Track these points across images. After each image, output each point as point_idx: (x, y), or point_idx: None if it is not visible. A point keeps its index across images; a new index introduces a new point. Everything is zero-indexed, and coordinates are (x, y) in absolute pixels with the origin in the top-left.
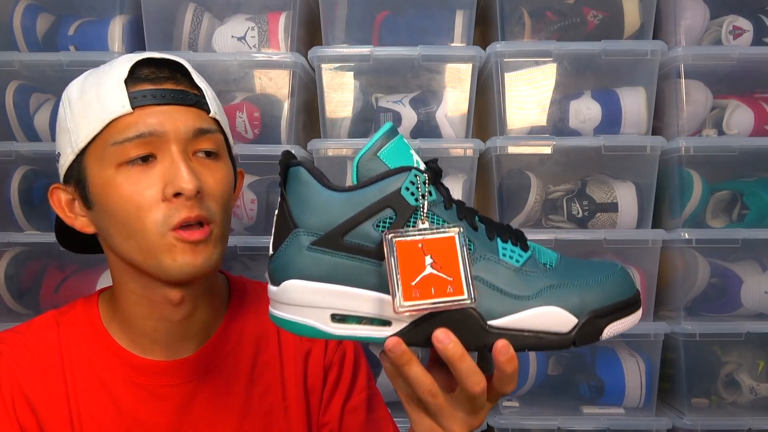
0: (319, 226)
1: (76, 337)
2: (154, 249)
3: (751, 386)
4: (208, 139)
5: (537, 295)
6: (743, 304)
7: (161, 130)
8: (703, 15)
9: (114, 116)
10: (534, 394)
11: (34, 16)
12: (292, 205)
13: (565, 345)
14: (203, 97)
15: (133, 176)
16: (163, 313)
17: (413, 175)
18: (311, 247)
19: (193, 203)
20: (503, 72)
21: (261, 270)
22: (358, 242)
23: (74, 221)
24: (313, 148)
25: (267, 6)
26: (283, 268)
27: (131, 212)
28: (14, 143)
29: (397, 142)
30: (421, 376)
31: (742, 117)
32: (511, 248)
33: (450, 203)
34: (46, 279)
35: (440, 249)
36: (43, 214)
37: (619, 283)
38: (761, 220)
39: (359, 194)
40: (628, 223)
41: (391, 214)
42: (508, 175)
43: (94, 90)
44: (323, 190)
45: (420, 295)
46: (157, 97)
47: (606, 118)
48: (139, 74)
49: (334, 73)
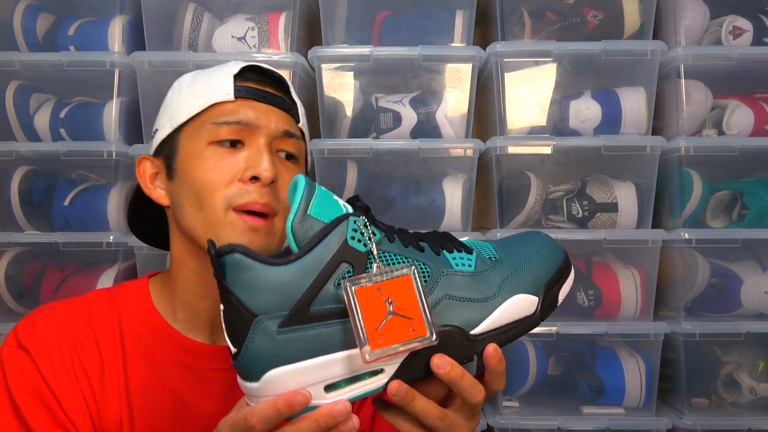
0: (280, 305)
1: (128, 314)
2: (215, 223)
3: (751, 386)
4: (292, 143)
5: (499, 291)
6: (743, 304)
7: (256, 123)
8: (703, 15)
9: (218, 100)
10: (534, 394)
11: (34, 16)
12: (242, 294)
13: (535, 324)
14: (296, 108)
15: (219, 154)
16: (216, 292)
17: (353, 221)
18: (281, 330)
19: (266, 191)
20: (503, 72)
21: None
22: (326, 307)
23: (152, 191)
24: (313, 148)
25: (267, 6)
26: (257, 361)
27: (207, 185)
28: (14, 143)
29: (321, 194)
30: (427, 408)
31: (742, 117)
32: (459, 256)
33: (392, 235)
34: (46, 279)
35: (398, 290)
36: (43, 214)
37: (552, 250)
38: (761, 220)
39: (308, 260)
40: (628, 223)
41: (347, 268)
42: (508, 175)
43: (204, 79)
44: (270, 268)
45: (385, 341)
46: (258, 95)
47: (606, 118)
48: (246, 75)
49: (334, 73)
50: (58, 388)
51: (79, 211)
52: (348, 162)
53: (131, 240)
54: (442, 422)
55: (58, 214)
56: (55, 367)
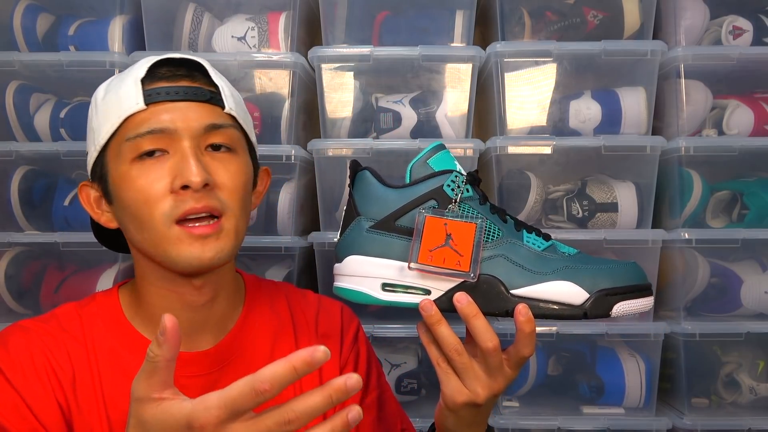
0: (377, 213)
1: (99, 328)
2: (161, 241)
3: (751, 386)
4: (221, 134)
5: (553, 272)
6: (743, 304)
7: (172, 126)
8: (703, 15)
9: (129, 113)
10: (534, 394)
11: (34, 16)
12: (357, 199)
13: (578, 315)
14: (219, 93)
15: (145, 169)
16: (186, 299)
17: (454, 176)
18: (369, 230)
19: (201, 195)
20: (503, 72)
21: (261, 270)
22: (407, 225)
23: (100, 217)
24: (313, 148)
25: (267, 6)
26: (347, 247)
27: (141, 204)
28: (14, 143)
29: (444, 154)
30: (448, 335)
31: (742, 117)
32: (534, 237)
33: (485, 200)
34: (46, 279)
35: (460, 231)
36: (43, 214)
37: (630, 271)
38: (761, 220)
39: (410, 190)
40: (628, 223)
41: (433, 204)
42: (508, 175)
43: (114, 90)
44: (382, 187)
45: (433, 260)
46: (170, 94)
47: (606, 118)
48: (156, 73)
49: (334, 73)
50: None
51: (79, 211)
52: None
53: None
54: (459, 357)
55: (58, 214)
56: (29, 382)
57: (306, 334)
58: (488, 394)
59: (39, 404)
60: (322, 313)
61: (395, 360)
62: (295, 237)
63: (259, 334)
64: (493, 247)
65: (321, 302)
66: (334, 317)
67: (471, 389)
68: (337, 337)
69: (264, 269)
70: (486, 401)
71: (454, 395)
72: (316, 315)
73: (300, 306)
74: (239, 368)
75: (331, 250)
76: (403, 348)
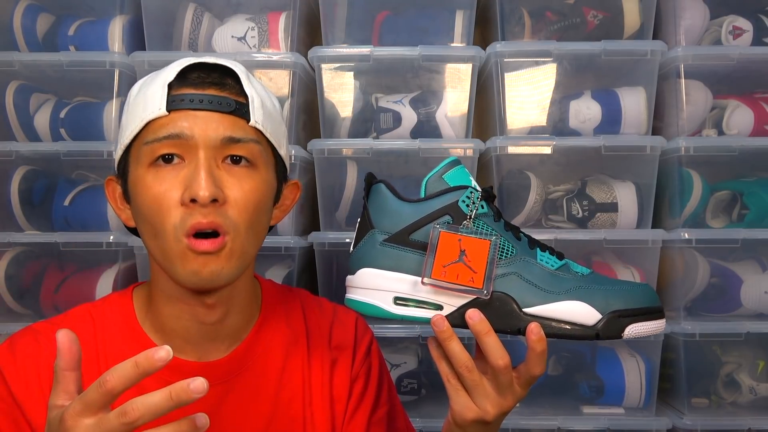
0: (391, 227)
1: (111, 333)
2: (170, 252)
3: (751, 386)
4: (241, 147)
5: (566, 292)
6: (743, 304)
7: (189, 133)
8: (703, 15)
9: (150, 117)
10: (534, 394)
11: (34, 16)
12: (372, 212)
13: (590, 336)
14: (246, 105)
15: (160, 177)
16: (196, 315)
17: (469, 191)
18: (383, 243)
19: (209, 210)
20: (503, 72)
21: (261, 270)
22: (421, 239)
23: (121, 213)
24: (313, 148)
25: (267, 6)
26: (360, 259)
27: (155, 212)
28: (14, 143)
29: (459, 169)
30: (459, 351)
31: (742, 117)
32: (548, 256)
33: (499, 217)
34: (46, 279)
35: (475, 248)
36: (43, 214)
37: (642, 293)
38: (761, 220)
39: (425, 204)
40: (628, 223)
41: (448, 219)
42: (508, 175)
43: (144, 91)
44: (397, 200)
45: (446, 276)
46: (194, 102)
47: (606, 118)
48: (186, 77)
49: (334, 73)
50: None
51: (79, 211)
52: (348, 162)
53: (131, 240)
54: (469, 374)
55: (58, 214)
56: (30, 390)
57: (319, 346)
58: (497, 412)
59: (38, 414)
60: (336, 324)
61: (395, 360)
62: (295, 237)
63: (272, 345)
64: (507, 265)
65: (336, 313)
66: (348, 329)
67: (480, 406)
68: (350, 350)
69: (264, 269)
70: (495, 419)
71: (464, 412)
72: (330, 326)
73: (315, 316)
74: (250, 379)
75: (331, 250)
76: (403, 348)
